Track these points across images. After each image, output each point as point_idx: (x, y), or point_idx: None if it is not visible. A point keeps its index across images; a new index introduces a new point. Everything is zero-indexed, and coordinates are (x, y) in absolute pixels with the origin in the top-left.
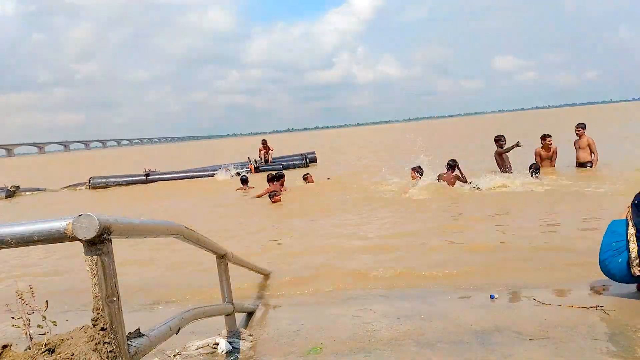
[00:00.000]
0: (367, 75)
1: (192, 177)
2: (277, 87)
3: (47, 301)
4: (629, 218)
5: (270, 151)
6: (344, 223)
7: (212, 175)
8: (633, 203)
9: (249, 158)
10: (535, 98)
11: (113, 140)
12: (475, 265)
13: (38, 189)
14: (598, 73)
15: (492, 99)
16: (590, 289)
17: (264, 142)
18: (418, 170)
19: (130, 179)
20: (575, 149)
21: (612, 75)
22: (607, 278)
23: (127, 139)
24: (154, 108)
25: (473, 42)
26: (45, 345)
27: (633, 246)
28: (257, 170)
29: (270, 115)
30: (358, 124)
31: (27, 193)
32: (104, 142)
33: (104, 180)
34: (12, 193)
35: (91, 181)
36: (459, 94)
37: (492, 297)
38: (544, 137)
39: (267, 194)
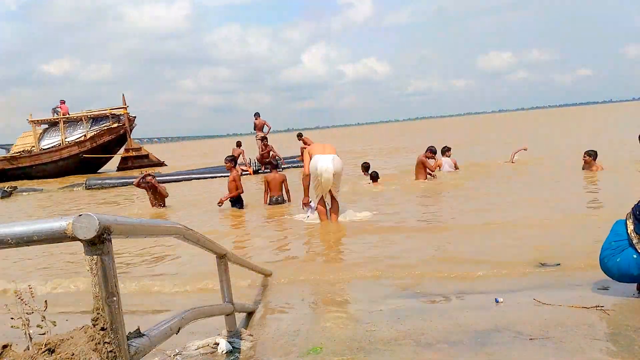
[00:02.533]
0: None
1: (190, 180)
2: (271, 87)
3: (46, 301)
4: (628, 222)
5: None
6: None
7: (213, 177)
8: (634, 213)
9: (249, 159)
10: (534, 98)
11: None
12: (474, 264)
13: (35, 189)
14: (598, 73)
15: (493, 99)
16: (590, 289)
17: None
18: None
19: (127, 180)
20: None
21: (613, 76)
22: (607, 277)
23: None
24: (146, 107)
25: (472, 42)
26: (45, 345)
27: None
28: (255, 172)
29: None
30: (358, 124)
31: (25, 193)
32: None
33: (99, 181)
34: (9, 193)
35: (87, 182)
36: (460, 94)
37: (496, 301)
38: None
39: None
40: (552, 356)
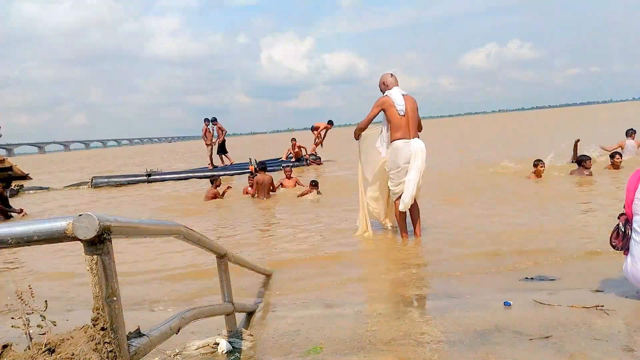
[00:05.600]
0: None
1: (194, 178)
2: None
3: (46, 301)
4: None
5: (302, 148)
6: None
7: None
8: None
9: (250, 159)
10: (534, 98)
11: (113, 140)
12: (474, 264)
13: (41, 188)
14: (598, 73)
15: (492, 99)
16: (591, 289)
17: (293, 140)
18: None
19: (132, 178)
20: None
21: (612, 76)
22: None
23: (127, 139)
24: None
25: (473, 41)
26: (45, 345)
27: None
28: (257, 170)
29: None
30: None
31: (31, 192)
32: (104, 142)
33: (105, 180)
34: (16, 192)
35: (93, 181)
36: (461, 95)
37: (507, 304)
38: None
39: None
40: (552, 356)
